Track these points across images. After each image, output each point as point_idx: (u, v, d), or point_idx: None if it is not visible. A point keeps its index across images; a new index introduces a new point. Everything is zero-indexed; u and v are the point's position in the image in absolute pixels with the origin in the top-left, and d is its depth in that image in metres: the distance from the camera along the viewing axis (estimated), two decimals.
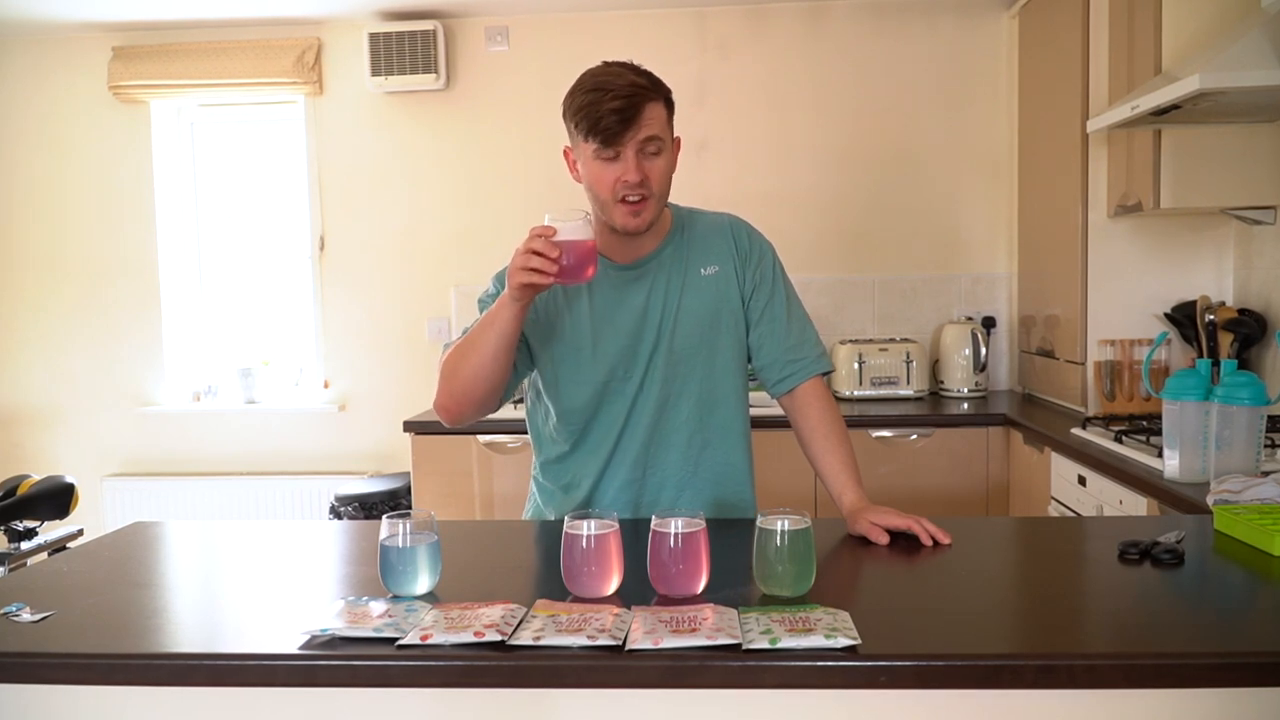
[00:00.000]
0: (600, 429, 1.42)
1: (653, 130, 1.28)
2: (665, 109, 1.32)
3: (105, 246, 3.48)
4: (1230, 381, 1.55)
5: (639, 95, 1.27)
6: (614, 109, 1.25)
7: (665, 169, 1.32)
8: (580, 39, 3.29)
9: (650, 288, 1.40)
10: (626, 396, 1.41)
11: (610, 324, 1.39)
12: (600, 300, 1.40)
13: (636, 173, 1.28)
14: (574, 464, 1.45)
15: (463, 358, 1.33)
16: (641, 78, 1.30)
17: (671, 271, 1.41)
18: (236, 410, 3.48)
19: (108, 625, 1.05)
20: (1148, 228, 2.49)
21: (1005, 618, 1.08)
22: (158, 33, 3.38)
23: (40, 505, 2.63)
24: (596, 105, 1.26)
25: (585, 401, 1.41)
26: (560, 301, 1.41)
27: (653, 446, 1.42)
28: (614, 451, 1.42)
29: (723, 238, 1.44)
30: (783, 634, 0.91)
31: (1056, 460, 2.32)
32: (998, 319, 3.23)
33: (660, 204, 1.34)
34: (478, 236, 3.37)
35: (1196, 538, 1.27)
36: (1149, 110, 1.91)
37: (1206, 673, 0.89)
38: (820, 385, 1.46)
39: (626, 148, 1.28)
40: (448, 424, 1.38)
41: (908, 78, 3.23)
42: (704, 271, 1.41)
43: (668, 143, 1.32)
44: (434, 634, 0.94)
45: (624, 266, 1.41)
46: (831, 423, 1.43)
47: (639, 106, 1.27)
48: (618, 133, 1.26)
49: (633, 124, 1.26)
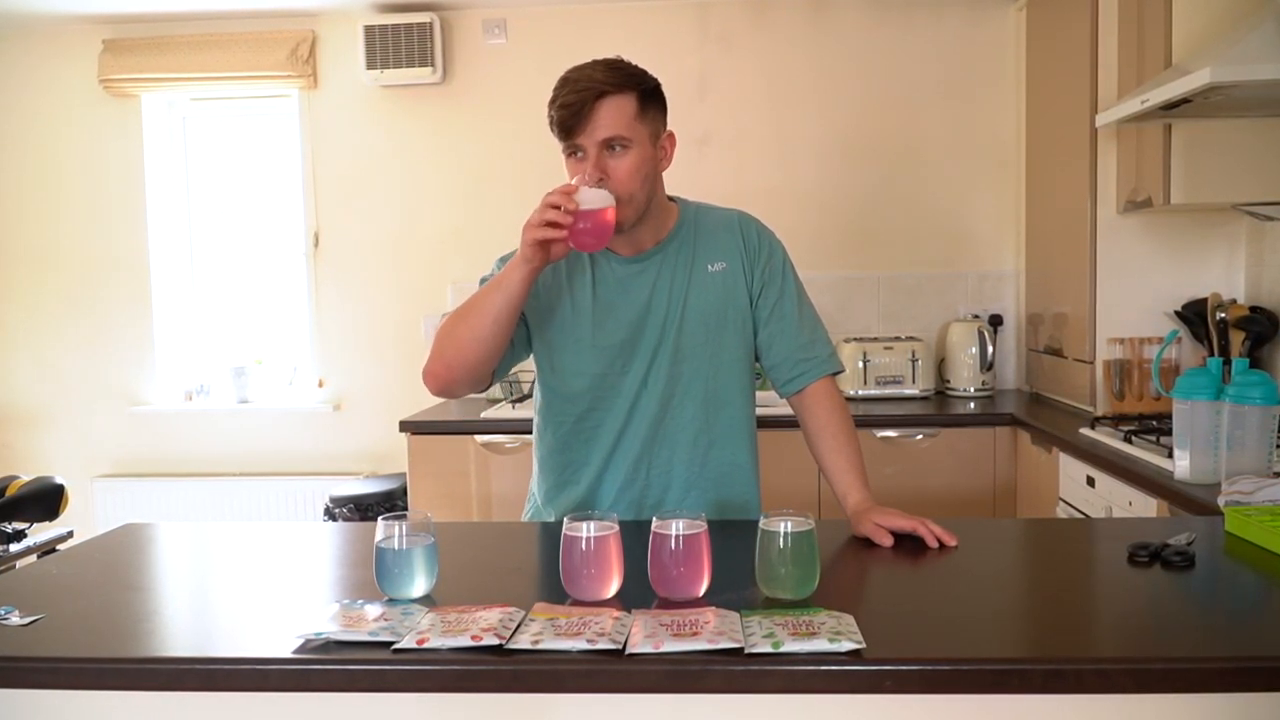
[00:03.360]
0: (600, 424, 1.41)
1: (614, 129, 1.26)
2: (637, 104, 1.29)
3: (95, 243, 3.46)
4: (1242, 380, 1.54)
5: (593, 90, 1.25)
6: (565, 104, 1.25)
7: (632, 167, 1.28)
8: (579, 32, 3.27)
9: (655, 282, 1.39)
10: (628, 393, 1.39)
11: (612, 315, 1.38)
12: (602, 290, 1.39)
13: (595, 171, 1.26)
14: (573, 458, 1.43)
15: (461, 319, 1.31)
16: (610, 73, 1.28)
17: (677, 266, 1.39)
18: (229, 410, 3.45)
19: (98, 629, 1.04)
20: (1158, 224, 2.47)
21: (1013, 621, 1.07)
22: (149, 25, 3.35)
23: (29, 507, 2.61)
24: (554, 102, 1.27)
25: (581, 391, 1.40)
26: (563, 286, 1.40)
27: (656, 445, 1.41)
28: (614, 449, 1.41)
29: (730, 234, 1.42)
30: (786, 638, 0.91)
31: (1065, 461, 2.30)
32: (1005, 317, 3.21)
33: (632, 207, 1.30)
34: (475, 233, 3.34)
35: (1207, 540, 1.26)
36: (1159, 104, 1.89)
37: (1218, 677, 0.88)
38: (830, 385, 1.44)
39: (588, 145, 1.27)
40: (434, 392, 1.36)
41: (913, 71, 3.21)
42: (711, 268, 1.39)
43: (638, 141, 1.29)
44: (430, 638, 0.94)
45: (626, 259, 1.40)
46: (840, 422, 1.42)
47: (591, 103, 1.25)
48: (570, 128, 1.26)
49: (585, 120, 1.25)
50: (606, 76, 1.27)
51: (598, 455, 1.41)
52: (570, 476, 1.44)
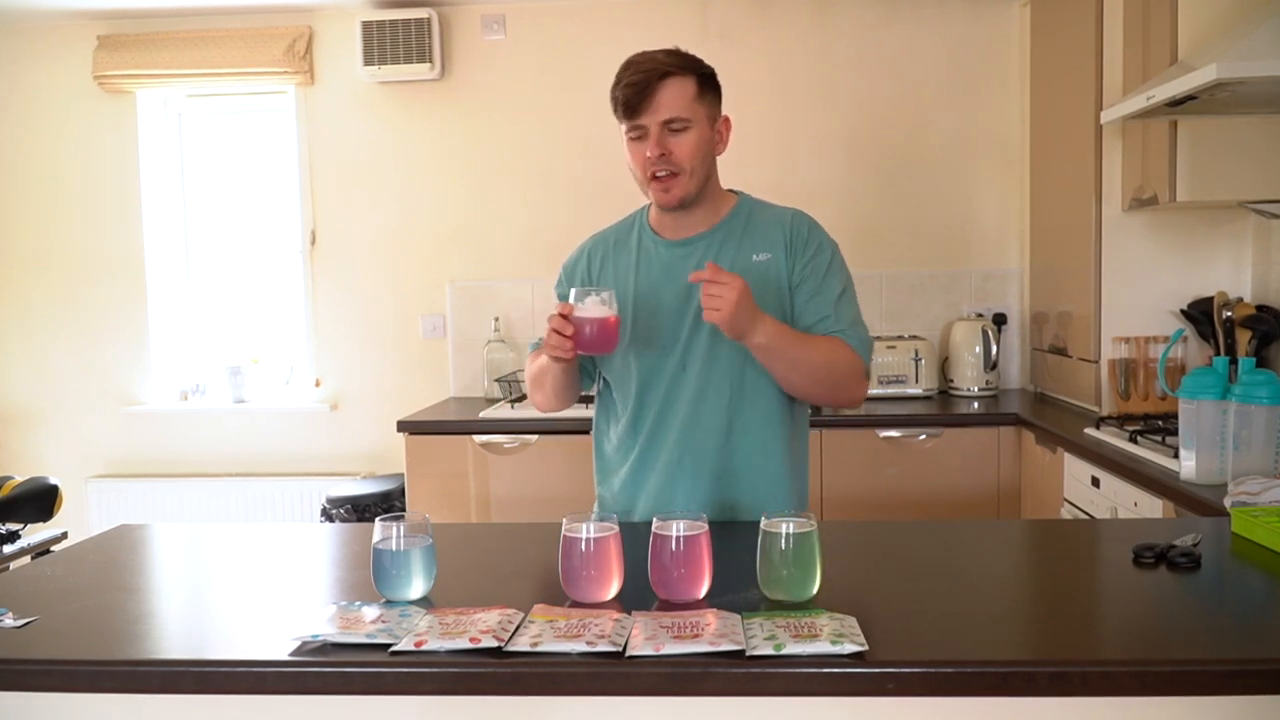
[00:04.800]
0: (646, 408, 1.44)
1: (675, 109, 1.34)
2: (696, 86, 1.37)
3: (90, 241, 3.44)
4: (1248, 380, 1.53)
5: (656, 71, 1.33)
6: (631, 83, 1.33)
7: (692, 145, 1.36)
8: (579, 27, 3.25)
9: (696, 268, 1.38)
10: (665, 375, 1.42)
11: (654, 296, 1.43)
12: (645, 273, 1.44)
13: (656, 148, 1.34)
14: (624, 441, 1.47)
15: (538, 383, 1.48)
16: (671, 57, 1.36)
17: (721, 253, 1.42)
18: (225, 409, 3.43)
19: (92, 631, 1.04)
20: (1163, 222, 2.46)
21: (1017, 623, 1.06)
22: (144, 21, 3.33)
23: (23, 508, 2.60)
24: (618, 83, 1.35)
25: (621, 371, 1.44)
26: (610, 272, 1.47)
27: (693, 430, 1.41)
28: (652, 434, 1.43)
29: (780, 228, 1.44)
30: (787, 640, 0.90)
31: (1069, 461, 2.29)
32: (1009, 315, 3.19)
33: (694, 180, 1.38)
34: (473, 230, 3.33)
35: (1214, 541, 1.26)
36: (1165, 101, 1.87)
37: (1224, 680, 0.88)
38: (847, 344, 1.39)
39: (650, 125, 1.34)
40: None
41: (916, 67, 3.19)
42: (756, 257, 1.43)
43: (697, 121, 1.36)
44: (428, 640, 0.93)
45: (671, 242, 1.44)
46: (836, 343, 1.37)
47: (655, 83, 1.33)
48: (635, 107, 1.34)
49: (649, 99, 1.33)
50: (668, 59, 1.36)
51: (634, 440, 1.44)
52: (617, 463, 1.48)
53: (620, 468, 1.47)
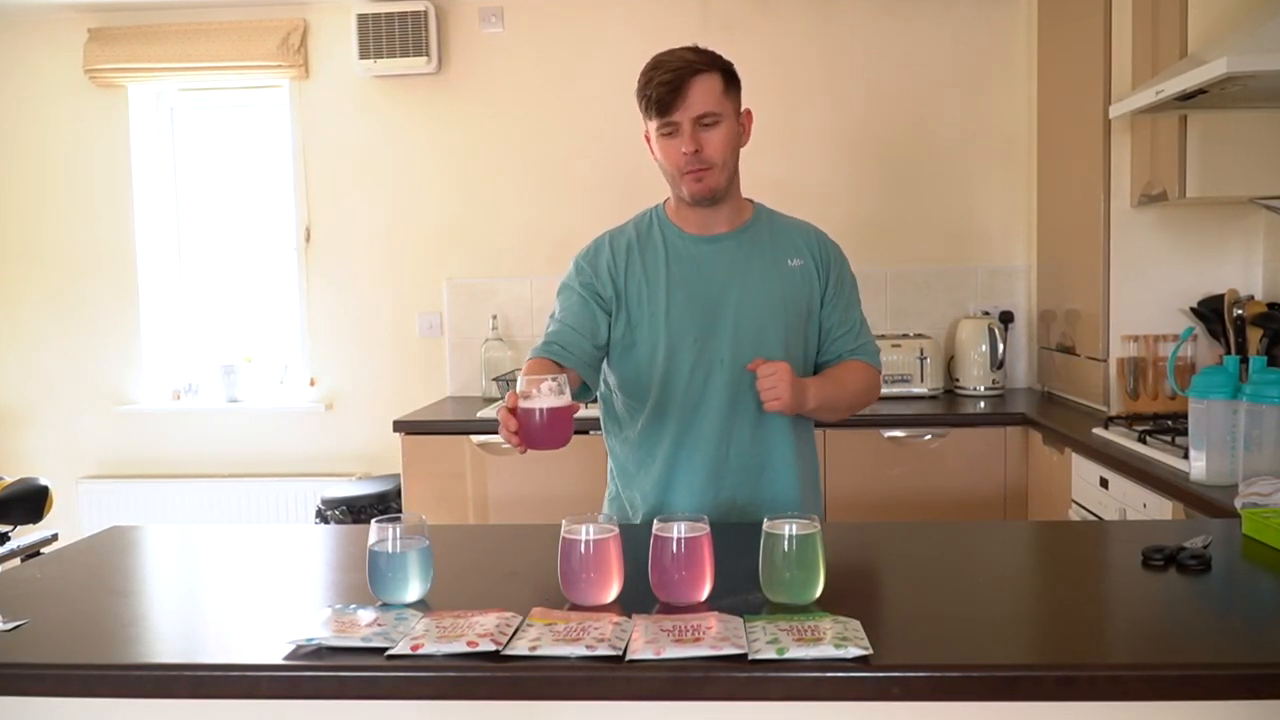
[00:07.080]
0: (674, 402, 1.44)
1: (707, 104, 1.38)
2: (722, 82, 1.41)
3: (81, 238, 3.42)
4: (1259, 379, 1.53)
5: (687, 69, 1.37)
6: (663, 82, 1.37)
7: (723, 139, 1.40)
8: (578, 20, 3.23)
9: (730, 265, 1.46)
10: (703, 367, 1.44)
11: (684, 289, 1.45)
12: (678, 268, 1.46)
13: (690, 143, 1.38)
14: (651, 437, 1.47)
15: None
16: (697, 54, 1.41)
17: (752, 254, 1.47)
18: (218, 409, 3.41)
19: (84, 634, 1.03)
20: (1173, 218, 2.44)
21: (1024, 626, 1.06)
22: (136, 13, 3.31)
23: (13, 509, 2.59)
24: (650, 82, 1.39)
25: (652, 365, 1.45)
26: (638, 266, 1.47)
27: (732, 428, 1.45)
28: (683, 428, 1.44)
29: (806, 237, 1.52)
30: (790, 643, 0.90)
31: (1077, 461, 2.28)
32: (1016, 313, 3.17)
33: (725, 173, 1.42)
34: (471, 227, 3.31)
35: (1224, 543, 1.26)
36: (1174, 95, 1.87)
37: (1234, 684, 0.87)
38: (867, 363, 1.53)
39: (682, 121, 1.38)
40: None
41: (922, 61, 3.17)
42: (791, 263, 1.48)
43: (726, 115, 1.41)
44: (425, 643, 0.93)
45: (696, 237, 1.48)
46: (860, 368, 1.50)
47: (686, 80, 1.37)
48: (668, 104, 1.37)
49: (681, 96, 1.37)
50: (696, 57, 1.40)
51: (671, 433, 1.45)
52: (646, 456, 1.48)
53: (651, 466, 1.47)
